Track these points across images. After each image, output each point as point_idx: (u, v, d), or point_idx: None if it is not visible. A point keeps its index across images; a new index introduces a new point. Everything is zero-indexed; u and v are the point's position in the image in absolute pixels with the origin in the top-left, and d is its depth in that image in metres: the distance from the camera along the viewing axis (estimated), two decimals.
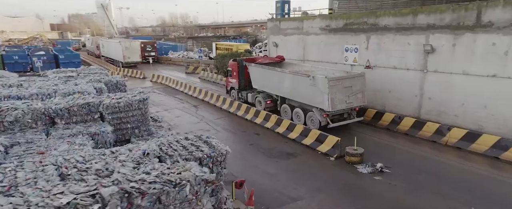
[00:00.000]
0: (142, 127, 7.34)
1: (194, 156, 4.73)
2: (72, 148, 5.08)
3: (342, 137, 12.03)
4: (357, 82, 13.74)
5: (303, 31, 20.47)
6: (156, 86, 26.18)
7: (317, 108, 13.71)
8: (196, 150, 4.86)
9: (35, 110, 6.09)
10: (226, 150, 4.92)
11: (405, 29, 14.98)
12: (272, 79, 16.15)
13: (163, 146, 4.81)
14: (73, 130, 6.01)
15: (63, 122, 6.48)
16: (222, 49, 40.81)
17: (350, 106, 13.71)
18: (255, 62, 17.94)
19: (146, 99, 7.22)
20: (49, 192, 3.39)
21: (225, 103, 18.44)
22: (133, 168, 4.03)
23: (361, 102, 13.98)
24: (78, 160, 4.20)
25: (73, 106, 6.50)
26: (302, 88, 14.07)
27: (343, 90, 13.25)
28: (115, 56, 38.69)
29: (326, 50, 19.03)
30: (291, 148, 12.47)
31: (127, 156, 4.43)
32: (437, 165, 10.95)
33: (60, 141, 5.44)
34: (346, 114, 14.38)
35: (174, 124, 15.77)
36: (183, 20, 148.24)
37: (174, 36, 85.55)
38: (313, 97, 13.65)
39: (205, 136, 5.36)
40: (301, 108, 14.70)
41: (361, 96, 13.86)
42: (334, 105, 13.06)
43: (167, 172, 3.81)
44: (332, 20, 18.58)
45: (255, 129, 14.85)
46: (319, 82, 13.18)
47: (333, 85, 12.92)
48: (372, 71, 16.69)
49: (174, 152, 4.69)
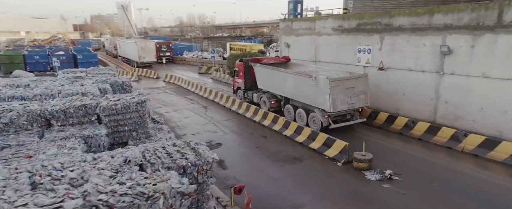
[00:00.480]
0: (140, 130, 7.25)
1: (177, 165, 4.52)
2: (60, 152, 5.03)
3: (351, 141, 11.63)
4: (360, 83, 13.56)
5: (315, 32, 20.05)
6: (169, 86, 26.36)
7: (319, 109, 13.63)
8: (180, 157, 4.65)
9: (30, 112, 6.10)
10: (213, 158, 4.70)
11: (420, 30, 14.36)
12: (276, 80, 16.16)
13: (147, 152, 4.64)
14: (67, 133, 5.97)
15: (59, 124, 6.47)
16: (236, 49, 40.76)
17: (352, 107, 13.56)
18: (260, 63, 17.90)
19: (144, 101, 7.13)
20: (13, 204, 3.26)
21: (235, 104, 18.28)
22: (109, 177, 3.89)
23: (364, 103, 13.79)
24: (56, 167, 4.09)
25: (69, 108, 6.48)
26: (305, 89, 14.03)
27: (345, 91, 13.12)
28: (131, 56, 39.32)
29: (339, 51, 18.55)
30: (297, 152, 12.15)
31: (107, 164, 4.28)
32: (452, 173, 10.37)
33: (52, 144, 5.40)
34: (349, 115, 14.24)
35: (182, 125, 15.74)
36: (200, 21, 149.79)
37: (190, 36, 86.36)
38: (315, 97, 13.57)
39: (193, 143, 5.16)
40: (303, 108, 14.65)
41: (364, 97, 13.68)
42: (335, 106, 12.95)
43: (143, 183, 3.62)
44: (345, 20, 18.08)
45: (263, 131, 14.61)
46: (320, 82, 13.07)
47: (334, 85, 12.81)
48: (385, 73, 16.12)
49: (157, 160, 4.50)
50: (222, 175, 10.34)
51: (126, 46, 41.59)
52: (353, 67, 17.66)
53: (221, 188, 9.49)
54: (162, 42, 45.60)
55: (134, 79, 29.81)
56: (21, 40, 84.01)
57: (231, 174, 10.44)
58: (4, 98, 7.86)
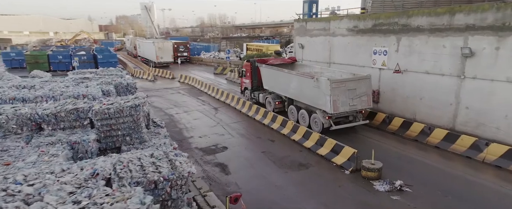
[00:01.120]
0: (134, 135, 7.09)
1: (148, 179, 4.25)
2: (40, 160, 4.91)
3: (362, 148, 11.08)
4: (362, 84, 13.45)
5: (329, 32, 19.44)
6: (183, 87, 26.46)
7: (320, 110, 13.60)
8: (153, 171, 4.37)
9: (20, 116, 6.07)
10: (189, 172, 4.38)
11: (440, 30, 13.52)
12: (281, 80, 16.23)
13: (119, 165, 4.39)
14: (53, 138, 5.86)
15: (50, 128, 6.41)
16: (253, 49, 40.54)
17: (354, 108, 13.45)
18: (266, 63, 17.91)
19: (138, 105, 6.96)
20: None
21: (245, 107, 18.01)
22: (68, 193, 3.66)
23: (367, 105, 13.67)
24: (17, 180, 3.92)
25: (60, 112, 6.40)
26: (307, 90, 14.05)
27: (346, 92, 13.05)
28: (149, 56, 39.93)
29: (353, 53, 17.87)
30: (304, 158, 11.70)
31: (74, 177, 4.05)
32: (470, 186, 9.61)
33: (35, 150, 5.31)
34: (352, 116, 14.15)
35: (191, 127, 15.63)
36: (221, 21, 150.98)
37: (209, 36, 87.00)
38: (316, 98, 13.55)
39: (173, 153, 4.88)
40: (306, 109, 14.67)
41: (366, 99, 13.57)
42: (336, 107, 12.89)
43: (100, 202, 3.38)
44: (360, 20, 17.39)
45: (271, 135, 14.24)
46: (321, 83, 13.04)
47: (335, 87, 12.77)
48: (402, 76, 15.34)
49: (127, 174, 4.24)
50: (224, 181, 10.08)
51: (145, 46, 42.30)
52: (368, 69, 16.96)
53: (221, 194, 9.22)
54: (179, 42, 46.06)
55: (150, 79, 30.18)
56: (50, 40, 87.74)
57: (233, 180, 10.15)
58: (6, 100, 7.93)
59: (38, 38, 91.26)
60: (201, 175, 10.45)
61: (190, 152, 12.43)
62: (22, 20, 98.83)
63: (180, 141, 13.64)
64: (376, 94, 16.66)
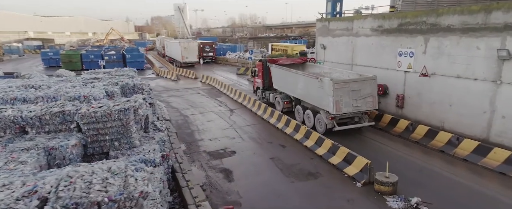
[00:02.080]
0: (123, 140, 6.82)
1: (90, 200, 3.77)
2: (5, 167, 4.69)
3: (380, 158, 10.17)
4: (367, 85, 13.27)
5: (352, 32, 18.39)
6: (203, 87, 26.42)
7: (324, 111, 13.56)
8: (100, 189, 3.93)
9: (3, 118, 5.99)
10: (142, 192, 3.89)
11: (473, 30, 12.19)
12: (289, 80, 16.28)
13: (66, 181, 3.98)
14: (31, 143, 5.67)
15: (34, 132, 6.30)
16: (278, 50, 39.87)
17: (358, 110, 13.28)
18: (276, 63, 17.99)
19: (127, 109, 6.68)
20: None
21: (260, 109, 17.49)
22: None
23: (372, 106, 13.48)
24: None
25: (45, 115, 6.26)
26: (312, 90, 14.07)
27: (350, 93, 12.93)
28: (175, 56, 40.53)
29: (377, 54, 16.74)
30: (314, 167, 10.96)
31: (10, 194, 3.72)
32: (500, 207, 8.43)
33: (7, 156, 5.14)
34: (357, 118, 13.98)
35: (203, 129, 15.37)
36: (252, 21, 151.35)
37: (237, 36, 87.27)
38: (321, 99, 13.55)
39: (134, 168, 4.41)
40: (312, 110, 14.69)
41: (371, 100, 13.37)
42: (339, 108, 12.80)
43: None
44: (385, 19, 16.24)
45: (283, 140, 13.60)
46: (325, 84, 13.02)
47: (338, 87, 12.70)
48: (429, 79, 14.07)
49: (68, 192, 3.82)
50: (226, 189, 9.63)
51: (172, 46, 43.04)
52: (393, 72, 15.79)
53: (220, 203, 8.80)
54: (205, 42, 46.39)
55: (173, 78, 30.51)
56: (88, 40, 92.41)
57: (235, 188, 9.67)
58: (7, 100, 8.00)
59: (78, 38, 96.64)
60: (203, 181, 10.09)
61: (198, 156, 12.14)
62: (65, 22, 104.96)
63: (189, 144, 13.41)
64: (400, 99, 15.47)
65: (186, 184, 8.99)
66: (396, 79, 15.72)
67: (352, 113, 13.36)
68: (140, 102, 8.09)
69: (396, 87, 15.80)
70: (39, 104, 6.84)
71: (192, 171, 10.77)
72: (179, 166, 10.13)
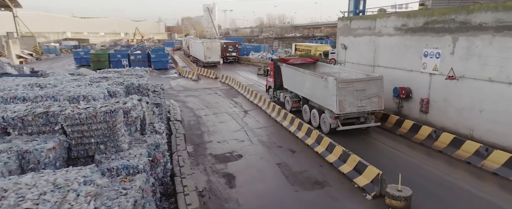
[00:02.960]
0: (110, 143, 6.56)
1: None
2: None
3: (395, 167, 9.27)
4: (372, 85, 13.10)
5: (375, 31, 17.31)
6: (222, 87, 26.21)
7: (328, 110, 13.52)
8: (29, 207, 3.44)
9: None
10: None
11: (509, 29, 10.92)
12: (297, 80, 16.32)
13: None
14: (5, 145, 5.47)
15: (16, 133, 6.18)
16: (301, 50, 38.98)
17: (363, 110, 13.12)
18: (286, 62, 17.96)
19: (113, 111, 6.41)
20: None
21: (274, 111, 16.90)
22: None
23: (377, 106, 13.24)
24: None
25: (28, 116, 6.13)
26: (318, 89, 14.10)
27: (354, 93, 12.83)
28: (198, 55, 40.78)
29: (400, 54, 15.60)
30: (322, 175, 10.24)
31: None
32: None
33: None
34: (363, 118, 13.86)
35: (214, 130, 15.04)
36: (280, 21, 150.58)
37: (263, 36, 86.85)
38: (325, 98, 13.53)
39: (83, 180, 3.95)
40: (318, 109, 14.71)
41: (377, 100, 13.17)
42: (342, 107, 12.72)
43: None
44: (410, 18, 15.08)
45: (294, 145, 12.94)
46: (329, 83, 12.98)
47: (342, 87, 12.64)
48: (456, 83, 12.84)
49: None
50: (225, 196, 9.19)
51: (195, 46, 43.38)
52: (417, 74, 14.63)
53: None
54: (229, 42, 46.32)
55: (194, 78, 30.61)
56: (120, 40, 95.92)
57: (235, 195, 9.20)
58: (7, 99, 8.05)
59: (111, 39, 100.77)
60: (203, 186, 9.72)
61: (203, 159, 11.81)
62: (100, 23, 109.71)
63: (197, 145, 13.13)
64: (424, 103, 14.28)
65: (182, 190, 8.67)
66: (421, 81, 14.54)
67: (357, 113, 13.22)
68: (134, 103, 7.83)
69: (420, 90, 14.62)
70: (26, 104, 6.74)
71: (194, 175, 10.49)
72: (180, 169, 9.84)
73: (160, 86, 14.83)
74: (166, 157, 9.25)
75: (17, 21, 55.46)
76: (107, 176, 5.91)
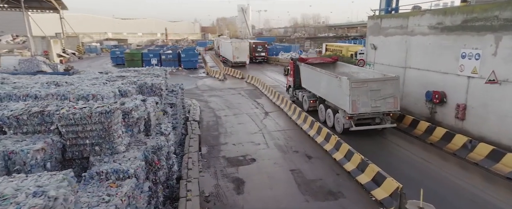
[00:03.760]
0: (105, 145, 6.38)
1: None
2: None
3: (422, 179, 8.33)
4: (388, 86, 12.84)
5: (407, 31, 16.04)
6: (247, 88, 25.88)
7: (342, 110, 13.42)
8: None
9: None
10: None
11: None
12: (314, 79, 16.26)
13: None
14: None
15: (12, 132, 6.18)
16: (332, 50, 37.67)
17: (377, 110, 12.87)
18: (305, 62, 17.88)
19: (109, 111, 6.23)
20: None
21: (295, 113, 16.25)
22: None
23: (393, 107, 12.95)
24: None
25: (23, 114, 6.10)
26: (333, 89, 14.05)
27: (368, 93, 12.64)
28: (227, 55, 40.86)
29: (435, 55, 14.27)
30: (337, 185, 9.48)
31: None
32: None
33: None
34: (378, 119, 13.50)
35: (231, 132, 14.70)
36: (314, 21, 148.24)
37: (295, 36, 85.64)
38: (339, 98, 13.48)
39: (33, 191, 3.58)
40: (332, 109, 14.61)
41: (392, 101, 12.87)
42: (355, 107, 12.59)
43: None
44: (447, 15, 13.73)
45: (311, 150, 12.24)
46: (343, 83, 12.88)
47: (355, 87, 12.50)
48: (499, 87, 11.42)
49: None
50: (231, 202, 8.78)
51: (224, 46, 43.53)
52: (453, 77, 13.28)
53: None
54: (258, 42, 45.98)
55: (220, 78, 30.61)
56: (156, 40, 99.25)
57: (242, 202, 8.75)
58: (19, 96, 8.21)
59: (148, 39, 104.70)
60: (210, 191, 9.37)
61: (215, 161, 11.49)
62: (138, 23, 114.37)
63: (211, 147, 12.85)
64: (461, 109, 12.90)
65: (185, 194, 8.38)
66: (457, 85, 13.17)
67: (371, 114, 12.94)
68: (137, 103, 7.63)
69: (456, 95, 13.25)
70: (25, 103, 6.74)
71: (203, 178, 10.22)
72: (187, 173, 9.59)
73: (179, 85, 14.76)
74: (171, 160, 9.03)
75: (63, 23, 59.30)
76: (96, 180, 5.70)
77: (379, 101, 12.71)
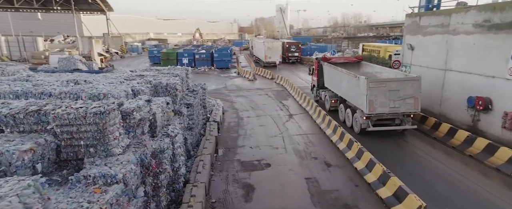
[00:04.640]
0: (100, 146, 6.19)
1: None
2: None
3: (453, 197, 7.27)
4: (408, 86, 12.38)
5: (448, 29, 14.48)
6: (276, 88, 25.26)
7: (360, 110, 13.23)
8: None
9: None
10: None
11: None
12: (336, 78, 16.06)
13: None
14: None
15: (8, 131, 6.18)
16: (369, 50, 35.71)
17: (396, 111, 12.48)
18: (328, 61, 17.61)
19: (103, 112, 6.04)
20: None
21: (319, 117, 15.37)
22: None
23: (413, 108, 12.50)
24: None
25: (19, 113, 6.08)
26: (352, 89, 13.85)
27: (387, 93, 12.29)
28: (260, 55, 40.47)
29: (480, 57, 12.69)
30: (354, 198, 8.62)
31: None
32: None
33: None
34: (398, 120, 13.13)
35: (250, 134, 14.23)
36: (355, 20, 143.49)
37: (332, 36, 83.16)
38: (358, 98, 13.27)
39: (39, 189, 3.35)
40: (352, 108, 14.40)
41: (412, 102, 12.41)
42: (372, 108, 12.33)
43: None
44: (496, 11, 12.12)
45: (332, 157, 11.39)
46: (361, 82, 12.62)
47: (373, 87, 12.22)
48: None
49: None
50: None
51: (257, 46, 43.20)
52: (501, 81, 11.70)
53: None
54: (291, 42, 45.04)
55: (250, 78, 30.28)
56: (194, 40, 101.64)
57: None
58: (35, 94, 8.42)
59: (187, 39, 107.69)
60: (217, 197, 8.96)
61: (229, 165, 11.09)
62: (178, 24, 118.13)
63: (228, 149, 12.48)
64: (509, 118, 11.30)
65: (188, 200, 8.04)
66: (505, 91, 11.57)
67: (389, 114, 12.64)
68: (140, 104, 7.43)
69: (503, 101, 11.65)
70: (27, 102, 6.77)
71: (214, 181, 9.87)
72: (195, 176, 9.27)
73: (200, 85, 14.60)
74: (178, 162, 8.76)
75: (109, 23, 62.84)
76: (83, 184, 5.51)
77: (398, 102, 12.29)
